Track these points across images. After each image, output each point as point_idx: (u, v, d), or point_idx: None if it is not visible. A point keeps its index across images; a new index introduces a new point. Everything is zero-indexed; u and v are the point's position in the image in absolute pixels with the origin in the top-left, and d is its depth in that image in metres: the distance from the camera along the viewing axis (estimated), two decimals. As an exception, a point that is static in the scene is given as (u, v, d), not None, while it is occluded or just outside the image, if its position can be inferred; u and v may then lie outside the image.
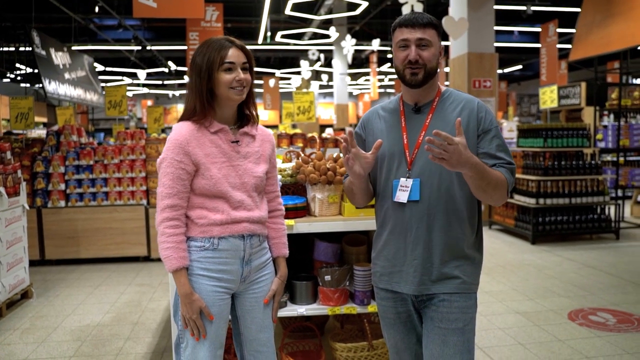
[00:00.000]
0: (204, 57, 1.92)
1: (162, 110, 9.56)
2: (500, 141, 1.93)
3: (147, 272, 6.01)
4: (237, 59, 1.94)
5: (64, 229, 6.30)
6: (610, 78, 14.11)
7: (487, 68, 8.37)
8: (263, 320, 2.10)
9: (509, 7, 12.26)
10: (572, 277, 5.55)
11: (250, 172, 2.02)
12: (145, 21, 14.80)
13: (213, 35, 9.17)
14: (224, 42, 1.94)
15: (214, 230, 1.95)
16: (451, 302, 1.92)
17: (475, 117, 1.93)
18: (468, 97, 1.99)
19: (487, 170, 1.80)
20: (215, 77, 1.92)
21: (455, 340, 1.91)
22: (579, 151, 7.43)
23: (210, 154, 1.95)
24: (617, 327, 4.13)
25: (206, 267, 1.96)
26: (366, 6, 11.57)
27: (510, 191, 1.92)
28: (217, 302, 1.97)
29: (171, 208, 1.92)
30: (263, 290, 2.10)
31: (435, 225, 1.91)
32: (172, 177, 1.92)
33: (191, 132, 1.95)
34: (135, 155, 6.47)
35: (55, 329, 4.29)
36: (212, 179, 1.94)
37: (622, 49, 7.15)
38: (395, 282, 1.99)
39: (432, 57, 1.90)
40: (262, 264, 2.10)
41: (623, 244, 7.18)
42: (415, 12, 1.96)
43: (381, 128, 2.05)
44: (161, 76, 22.69)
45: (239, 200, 1.98)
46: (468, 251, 1.95)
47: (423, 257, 1.92)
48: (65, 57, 11.83)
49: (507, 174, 1.88)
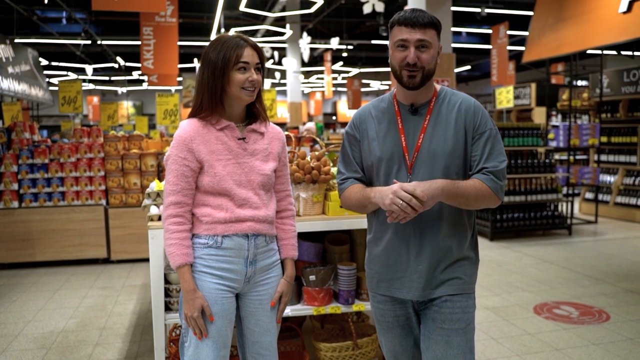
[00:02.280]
0: (219, 54, 1.89)
1: (116, 107, 9.27)
2: (493, 144, 1.90)
3: (108, 275, 5.80)
4: (251, 59, 1.92)
5: (18, 231, 5.99)
6: (554, 79, 14.68)
7: (445, 67, 8.52)
8: (266, 323, 2.06)
9: (464, 8, 12.54)
10: (533, 272, 5.74)
11: (257, 170, 1.99)
12: (94, 14, 14.28)
13: (168, 30, 8.94)
14: (239, 40, 1.92)
15: (218, 228, 1.93)
16: (453, 302, 1.92)
17: (472, 118, 1.91)
18: (464, 97, 1.97)
19: (461, 188, 1.82)
20: (229, 75, 1.89)
21: (459, 340, 1.92)
22: (533, 150, 7.69)
23: (215, 151, 1.93)
24: (580, 320, 4.30)
25: (209, 264, 1.94)
26: (320, 4, 11.58)
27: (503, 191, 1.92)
28: (219, 300, 1.95)
29: (175, 205, 1.91)
30: (268, 292, 2.06)
31: (440, 230, 1.90)
32: (176, 174, 1.91)
33: (196, 129, 1.93)
34: (93, 154, 6.23)
35: (16, 336, 4.07)
36: (216, 176, 1.92)
37: (573, 51, 7.43)
38: (396, 289, 1.96)
39: (430, 59, 1.86)
40: (268, 265, 2.06)
41: (575, 240, 7.49)
42: (416, 9, 1.88)
43: (376, 129, 1.98)
44: (109, 72, 21.98)
45: (243, 197, 1.95)
46: (467, 252, 1.96)
47: (429, 262, 1.90)
48: (8, 50, 11.24)
49: (491, 182, 1.85)
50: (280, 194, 2.15)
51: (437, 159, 1.88)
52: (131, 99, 26.91)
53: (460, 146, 1.89)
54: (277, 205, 2.13)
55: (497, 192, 1.87)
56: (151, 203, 2.88)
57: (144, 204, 2.92)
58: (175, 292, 2.80)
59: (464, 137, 1.90)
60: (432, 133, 1.90)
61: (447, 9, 8.60)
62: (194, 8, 14.70)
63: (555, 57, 8.49)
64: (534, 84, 10.78)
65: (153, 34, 9.23)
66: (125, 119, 24.52)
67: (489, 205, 1.90)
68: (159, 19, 9.28)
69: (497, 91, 9.50)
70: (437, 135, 1.89)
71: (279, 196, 2.15)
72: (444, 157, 1.88)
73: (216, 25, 13.86)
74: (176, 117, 7.48)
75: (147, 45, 9.19)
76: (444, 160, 1.88)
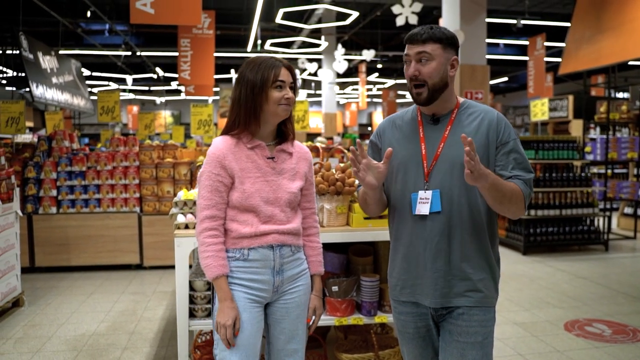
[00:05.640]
0: (257, 73, 1.99)
1: (153, 117, 9.50)
2: (518, 155, 1.92)
3: (140, 281, 5.93)
4: (286, 77, 2.03)
5: (55, 236, 6.20)
6: (593, 91, 14.34)
7: (479, 80, 8.44)
8: (292, 331, 2.11)
9: (500, 20, 12.41)
10: (565, 288, 5.60)
11: (284, 188, 2.07)
12: (134, 27, 14.70)
13: (204, 42, 9.14)
14: (274, 61, 2.03)
15: (244, 242, 2.02)
16: (471, 315, 1.91)
17: (495, 129, 1.91)
18: (487, 108, 1.98)
19: (502, 183, 1.81)
20: (267, 93, 1.99)
21: (475, 354, 1.90)
22: (569, 163, 7.53)
23: (245, 169, 2.02)
24: (613, 338, 4.18)
25: (238, 276, 2.02)
26: (356, 16, 11.63)
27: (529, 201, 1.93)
28: (247, 308, 2.01)
29: (210, 219, 1.99)
30: (295, 301, 2.12)
31: (455, 237, 1.90)
32: (210, 189, 2.00)
33: (229, 146, 2.02)
34: (128, 162, 6.40)
35: (49, 338, 4.21)
36: (245, 193, 2.00)
37: (612, 63, 7.27)
38: (416, 294, 1.99)
39: (433, 72, 1.88)
40: (296, 275, 2.12)
41: (612, 255, 7.28)
42: (425, 25, 1.93)
43: (397, 137, 2.04)
44: (148, 82, 22.53)
45: (269, 215, 2.03)
46: (488, 263, 1.94)
47: (444, 269, 1.91)
48: (53, 61, 11.65)
49: (523, 186, 1.87)
50: (305, 211, 2.23)
51: (455, 168, 1.89)
52: (169, 109, 27.49)
53: (480, 156, 1.85)
54: (303, 222, 2.21)
55: (527, 198, 1.89)
56: (178, 211, 2.95)
57: (171, 212, 2.99)
58: (199, 299, 2.85)
59: (485, 147, 1.90)
60: (452, 142, 1.92)
61: (481, 20, 8.52)
62: (231, 20, 14.99)
63: (594, 69, 8.32)
64: (572, 96, 10.55)
65: (190, 46, 9.47)
66: (163, 128, 25.06)
67: (515, 213, 1.89)
68: (196, 31, 9.52)
69: (532, 103, 9.34)
70: (457, 144, 1.90)
71: (305, 213, 2.22)
72: (462, 166, 1.87)
73: (252, 37, 14.08)
74: (209, 127, 7.62)
75: (184, 57, 9.44)
76: (463, 169, 1.88)
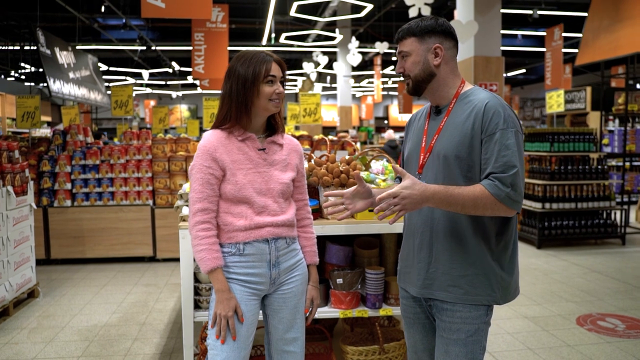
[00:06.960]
0: (248, 68, 2.00)
1: (167, 111, 9.56)
2: (503, 146, 1.76)
3: (153, 273, 6.00)
4: (277, 72, 2.04)
5: (70, 229, 6.29)
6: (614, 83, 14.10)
7: (493, 72, 8.34)
8: (290, 321, 2.13)
9: (515, 11, 12.24)
10: (579, 282, 5.53)
11: (276, 179, 2.07)
12: (150, 21, 14.79)
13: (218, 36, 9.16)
14: (265, 56, 2.03)
15: (239, 236, 2.02)
16: (454, 311, 1.89)
17: (481, 119, 1.81)
18: (481, 97, 1.86)
19: (451, 196, 1.74)
20: (259, 87, 2.00)
21: (457, 351, 1.89)
22: (585, 156, 7.42)
23: (236, 161, 2.02)
24: (626, 333, 4.12)
25: (235, 271, 2.03)
26: (371, 9, 11.57)
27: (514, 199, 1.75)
28: (244, 300, 2.03)
29: (202, 212, 1.99)
30: (292, 291, 2.13)
31: (439, 229, 1.90)
32: (201, 182, 2.00)
33: (219, 139, 2.03)
34: (141, 156, 6.46)
35: (62, 328, 4.28)
36: (238, 184, 2.00)
37: (630, 53, 7.14)
38: (407, 282, 2.05)
39: (412, 66, 1.94)
40: (292, 266, 2.13)
41: (629, 249, 7.17)
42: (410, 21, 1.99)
43: (414, 129, 2.11)
44: (164, 76, 22.69)
45: (262, 205, 2.03)
46: (478, 260, 1.86)
47: (427, 260, 1.93)
48: (70, 56, 11.81)
49: (494, 189, 1.73)
50: (299, 202, 2.24)
51: (440, 161, 1.88)
52: (186, 103, 27.67)
53: (464, 148, 1.82)
54: (297, 213, 2.22)
55: (504, 200, 1.73)
56: (183, 204, 2.97)
57: (176, 204, 3.01)
58: (204, 291, 2.87)
59: (469, 139, 1.81)
60: (443, 134, 1.91)
61: (496, 11, 8.40)
62: (245, 14, 14.99)
63: (612, 59, 8.16)
64: (589, 87, 10.39)
65: (204, 40, 9.50)
66: (179, 122, 25.23)
67: (500, 214, 1.77)
68: (210, 25, 9.54)
69: (548, 95, 9.20)
70: (446, 137, 1.89)
71: (298, 205, 2.24)
72: (447, 159, 1.86)
73: (267, 30, 14.09)
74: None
75: (198, 51, 9.47)
76: (448, 163, 1.85)
